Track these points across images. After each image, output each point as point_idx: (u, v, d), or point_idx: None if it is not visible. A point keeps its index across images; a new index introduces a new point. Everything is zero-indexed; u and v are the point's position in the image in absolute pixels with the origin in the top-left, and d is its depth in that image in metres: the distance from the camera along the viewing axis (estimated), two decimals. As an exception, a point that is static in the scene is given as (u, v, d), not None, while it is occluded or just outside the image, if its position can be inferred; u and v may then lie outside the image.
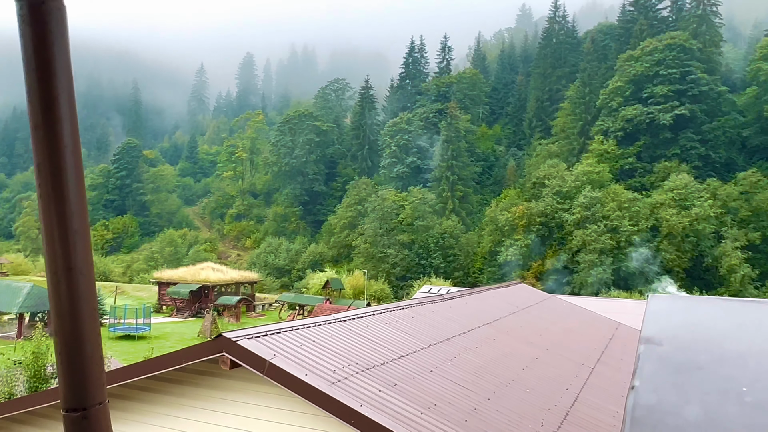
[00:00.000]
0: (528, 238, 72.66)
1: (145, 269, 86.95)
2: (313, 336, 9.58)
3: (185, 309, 57.36)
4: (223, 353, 8.02)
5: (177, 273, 63.05)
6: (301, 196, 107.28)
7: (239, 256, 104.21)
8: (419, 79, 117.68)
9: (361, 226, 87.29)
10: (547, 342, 15.31)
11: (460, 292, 19.59)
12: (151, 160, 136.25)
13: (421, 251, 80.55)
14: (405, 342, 11.15)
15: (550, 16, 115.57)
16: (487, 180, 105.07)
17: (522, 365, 12.33)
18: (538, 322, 17.84)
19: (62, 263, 1.66)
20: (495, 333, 14.35)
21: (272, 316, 59.09)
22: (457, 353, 11.65)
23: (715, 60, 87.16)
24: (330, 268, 79.72)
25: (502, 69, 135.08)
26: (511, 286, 22.45)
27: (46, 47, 1.56)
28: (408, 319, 12.90)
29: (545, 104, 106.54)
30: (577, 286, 66.48)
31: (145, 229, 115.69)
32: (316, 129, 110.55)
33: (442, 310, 14.76)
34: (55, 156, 1.60)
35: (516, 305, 18.83)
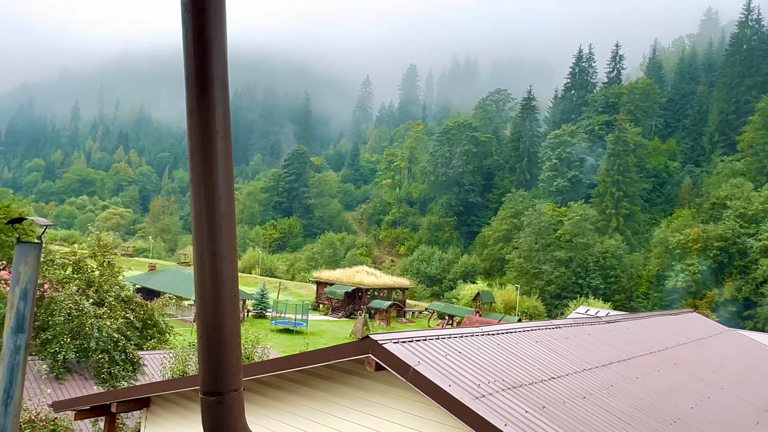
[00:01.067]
0: (703, 263, 65.99)
1: (306, 268, 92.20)
2: (459, 347, 9.37)
3: (340, 309, 59.89)
4: (369, 355, 8.10)
5: (334, 274, 66.10)
6: (456, 207, 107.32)
7: (393, 262, 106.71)
8: (586, 89, 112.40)
9: (516, 239, 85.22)
10: (722, 380, 13.63)
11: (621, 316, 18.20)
12: (317, 166, 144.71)
13: (579, 270, 76.64)
14: (556, 363, 10.51)
15: (741, 20, 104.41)
16: (657, 198, 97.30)
17: (691, 403, 11.06)
18: (712, 357, 15.97)
19: (207, 247, 1.68)
20: (660, 364, 13.06)
21: (421, 324, 59.61)
22: (615, 382, 10.74)
23: None
24: (481, 280, 78.74)
25: (681, 78, 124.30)
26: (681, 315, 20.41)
27: (204, 33, 1.59)
28: (561, 339, 12.18)
29: (730, 117, 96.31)
30: (761, 321, 58.97)
31: (308, 231, 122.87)
32: (475, 140, 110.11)
33: (599, 334, 13.76)
34: (207, 141, 1.63)
35: (686, 336, 17.05)
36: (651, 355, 13.50)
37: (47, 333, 19.96)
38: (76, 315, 20.24)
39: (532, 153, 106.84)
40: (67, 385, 19.74)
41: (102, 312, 20.95)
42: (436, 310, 60.24)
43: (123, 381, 20.25)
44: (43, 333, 20.05)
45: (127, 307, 22.65)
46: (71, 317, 20.19)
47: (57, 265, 22.11)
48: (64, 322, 19.93)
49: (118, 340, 20.56)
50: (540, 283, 77.01)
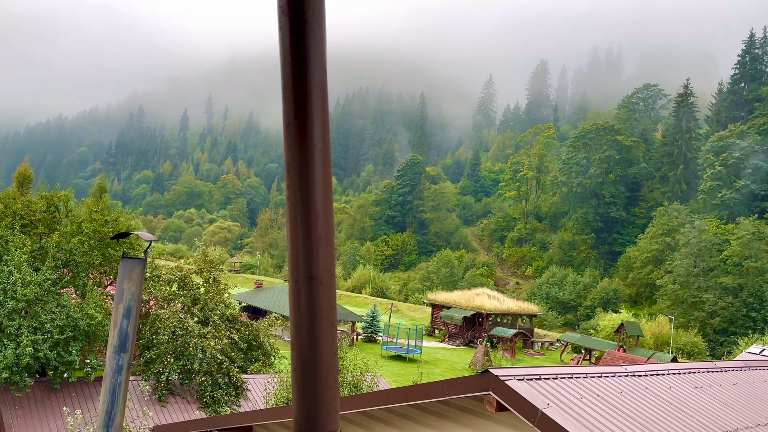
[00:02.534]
0: None
1: (420, 289, 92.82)
2: (598, 388, 8.88)
3: (457, 335, 59.53)
4: (489, 392, 7.89)
5: (451, 296, 65.94)
6: (594, 222, 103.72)
7: (518, 285, 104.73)
8: (760, 81, 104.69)
9: (670, 262, 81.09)
10: None
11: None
12: (432, 177, 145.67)
13: (752, 300, 71.36)
14: (721, 415, 9.68)
15: None
16: None
17: None
18: None
19: (303, 271, 1.71)
20: None
21: (552, 357, 57.84)
22: (799, 441, 9.70)
23: None
24: (626, 309, 75.26)
25: None
26: None
27: (302, 39, 1.63)
28: (728, 385, 11.23)
29: None
30: None
31: (422, 248, 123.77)
32: (617, 144, 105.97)
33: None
34: (304, 155, 1.67)
35: None
36: None
37: (151, 352, 21.43)
38: (180, 334, 21.57)
39: (689, 159, 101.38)
40: (169, 408, 21.04)
41: (206, 331, 22.17)
42: (570, 342, 58.14)
43: (225, 406, 21.26)
44: (148, 352, 21.56)
45: (232, 326, 23.83)
46: (175, 336, 21.55)
47: (163, 281, 23.75)
48: (168, 341, 21.30)
49: (222, 361, 21.64)
50: (700, 315, 72.57)
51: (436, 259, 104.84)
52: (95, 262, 21.58)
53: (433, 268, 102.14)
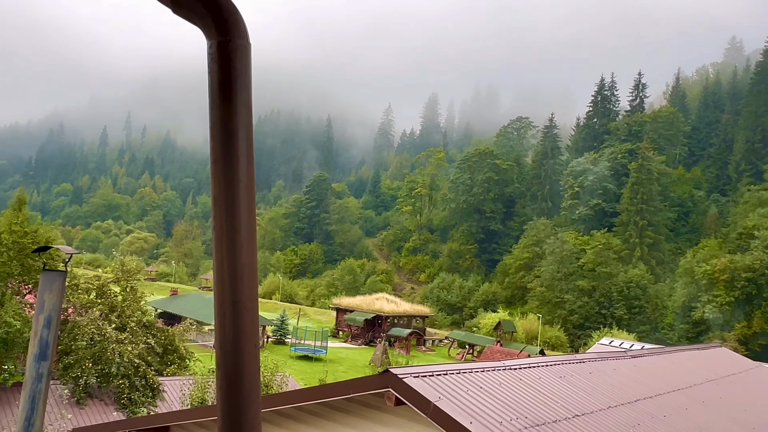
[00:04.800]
0: (731, 295, 64.49)
1: (326, 294, 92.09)
2: (481, 382, 9.20)
3: (359, 336, 59.53)
4: (389, 389, 7.99)
5: (354, 301, 65.89)
6: (477, 234, 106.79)
7: (413, 290, 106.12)
8: (608, 117, 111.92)
9: (538, 268, 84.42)
10: (755, 420, 13.16)
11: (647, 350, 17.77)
12: (338, 193, 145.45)
13: (603, 300, 75.48)
14: (581, 400, 10.25)
15: (766, 47, 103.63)
16: (682, 227, 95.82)
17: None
18: (743, 395, 15.46)
19: (229, 296, 1.67)
20: (688, 402, 12.66)
21: (441, 352, 58.96)
22: (641, 420, 10.43)
23: None
24: (503, 309, 77.88)
25: (705, 107, 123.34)
26: (709, 349, 19.86)
27: (229, 83, 1.62)
28: (585, 374, 11.89)
29: (757, 146, 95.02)
30: (793, 355, 57.19)
31: (328, 257, 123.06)
32: (496, 167, 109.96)
33: (625, 369, 13.42)
34: (230, 190, 1.63)
35: (715, 372, 16.55)
36: (679, 392, 13.10)
37: (70, 357, 20.10)
38: (98, 340, 20.38)
39: (554, 181, 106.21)
40: (88, 410, 19.78)
41: (124, 337, 21.07)
42: (457, 338, 59.58)
43: (143, 407, 20.23)
44: (66, 357, 20.20)
45: (148, 332, 22.75)
46: (93, 342, 20.33)
47: (81, 290, 22.36)
48: (86, 346, 20.06)
49: (139, 365, 20.61)
50: (562, 313, 75.98)
51: (340, 268, 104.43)
52: (14, 272, 20.05)
53: (337, 276, 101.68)
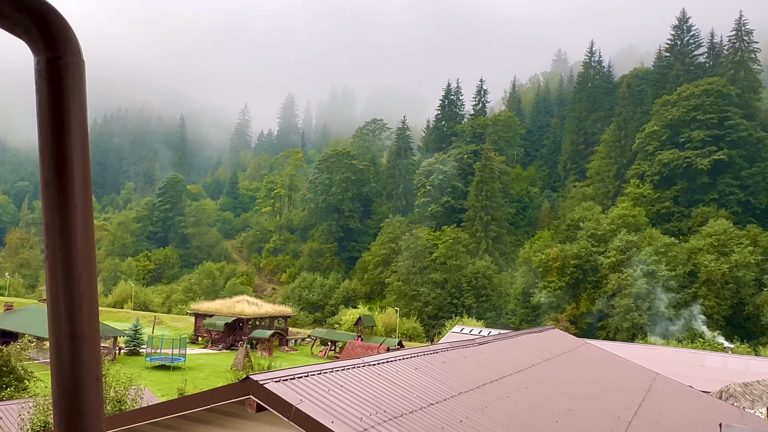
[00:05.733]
0: (562, 280, 71.11)
1: (184, 300, 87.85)
2: (341, 381, 9.33)
3: (220, 341, 57.50)
4: (250, 396, 7.84)
5: (213, 305, 63.49)
6: (337, 233, 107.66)
7: (274, 290, 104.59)
8: (455, 120, 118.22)
9: (395, 263, 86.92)
10: (581, 392, 14.66)
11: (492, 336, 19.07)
12: (194, 195, 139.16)
13: (454, 290, 79.54)
14: (435, 389, 10.77)
15: (586, 60, 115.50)
16: (521, 221, 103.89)
17: (555, 417, 11.76)
18: (572, 371, 17.16)
19: (66, 329, 1.56)
20: (528, 381, 13.80)
21: (305, 351, 58.75)
22: (489, 402, 11.19)
23: (754, 106, 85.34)
24: (363, 304, 79.26)
25: (537, 112, 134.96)
26: (545, 332, 21.77)
27: (61, 104, 1.49)
28: (438, 364, 12.51)
29: (580, 147, 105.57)
30: (612, 330, 64.44)
31: (185, 261, 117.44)
32: (353, 168, 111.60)
33: (473, 356, 14.31)
34: (65, 216, 1.52)
35: (549, 352, 18.19)
36: (520, 373, 14.23)
37: None
38: None
39: (407, 180, 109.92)
40: None
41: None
42: (319, 336, 59.70)
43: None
44: None
45: (-22, 354, 20.22)
46: None
47: None
48: None
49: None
50: (418, 305, 78.82)
51: (198, 271, 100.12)
52: None
53: (195, 280, 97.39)
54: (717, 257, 63.71)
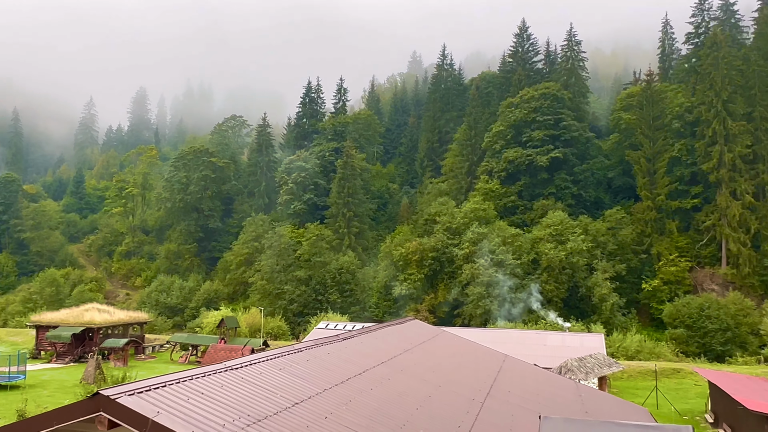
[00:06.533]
0: (421, 272, 74.03)
1: (22, 312, 79.41)
2: (202, 388, 8.98)
3: (67, 353, 52.70)
4: (100, 413, 7.30)
5: (58, 315, 58.01)
6: (196, 233, 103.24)
7: (128, 296, 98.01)
8: (316, 118, 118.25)
9: (258, 262, 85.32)
10: (439, 379, 15.40)
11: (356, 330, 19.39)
12: (32, 195, 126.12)
13: (318, 287, 79.74)
14: (300, 388, 10.72)
15: (439, 63, 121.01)
16: (382, 217, 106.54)
17: (416, 405, 12.25)
18: (431, 359, 17.97)
19: None
20: (390, 372, 14.22)
21: (164, 358, 55.72)
22: (353, 396, 11.37)
23: (583, 109, 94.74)
24: (225, 306, 76.85)
25: (395, 111, 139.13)
26: (405, 323, 22.56)
27: None
28: (303, 362, 12.47)
29: (435, 145, 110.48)
30: (467, 317, 68.32)
31: (22, 269, 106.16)
32: (212, 165, 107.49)
33: (337, 351, 14.45)
34: None
35: (410, 342, 18.88)
36: (383, 365, 14.62)
37: None
38: None
39: (269, 177, 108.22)
40: None
41: None
42: (179, 341, 56.94)
43: None
44: None
45: None
46: None
47: None
48: None
49: None
50: (283, 303, 78.08)
51: (39, 279, 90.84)
52: None
53: (36, 289, 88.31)
54: (555, 245, 69.94)
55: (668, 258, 71.35)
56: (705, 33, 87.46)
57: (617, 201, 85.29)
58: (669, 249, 72.65)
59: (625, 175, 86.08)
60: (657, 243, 73.87)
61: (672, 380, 46.54)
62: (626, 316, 68.26)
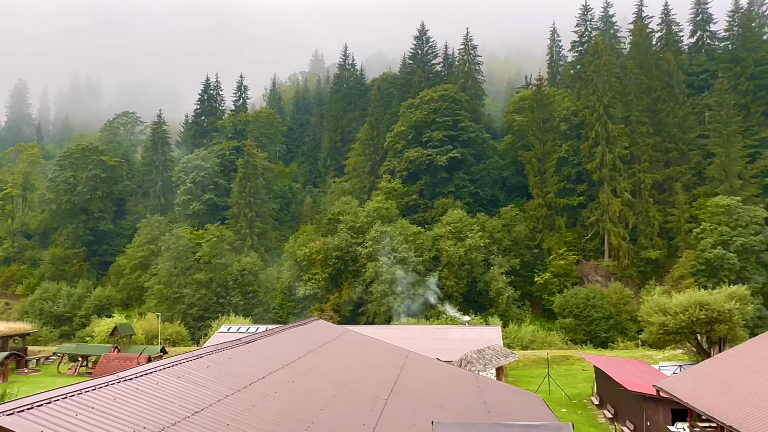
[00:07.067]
0: (325, 271, 73.85)
1: None
2: (93, 402, 8.45)
3: (-66, 372, 47.63)
4: (-27, 437, 6.69)
5: (-77, 330, 52.37)
6: (85, 236, 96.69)
7: (8, 306, 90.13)
8: (215, 116, 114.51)
9: (155, 266, 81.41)
10: (344, 378, 15.44)
11: (259, 333, 19.02)
12: None
13: (220, 290, 77.39)
14: (200, 396, 10.36)
15: (341, 63, 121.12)
16: (285, 216, 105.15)
17: (321, 405, 12.21)
18: (336, 359, 17.98)
19: None
20: (294, 374, 14.08)
21: (50, 371, 51.85)
22: (256, 401, 11.15)
23: (479, 111, 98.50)
24: (119, 312, 72.77)
25: (298, 110, 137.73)
26: (309, 323, 22.42)
27: None
28: (203, 369, 12.06)
29: (338, 145, 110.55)
30: (371, 315, 69.01)
31: None
32: (103, 164, 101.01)
33: (239, 356, 14.10)
34: None
35: (314, 342, 18.78)
36: (286, 368, 14.44)
37: None
38: None
39: (166, 177, 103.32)
40: None
41: None
42: (67, 352, 53.23)
43: None
44: None
45: None
46: None
47: None
48: None
49: None
50: (182, 308, 75.17)
51: None
52: None
53: None
54: (455, 242, 72.26)
55: (558, 252, 75.86)
56: (588, 42, 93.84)
57: (511, 199, 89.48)
58: (558, 244, 77.26)
59: (519, 175, 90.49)
60: (548, 238, 78.31)
61: (562, 367, 49.58)
62: (521, 308, 71.84)
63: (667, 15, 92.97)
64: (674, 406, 25.46)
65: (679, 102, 79.87)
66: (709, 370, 23.87)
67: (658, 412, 26.10)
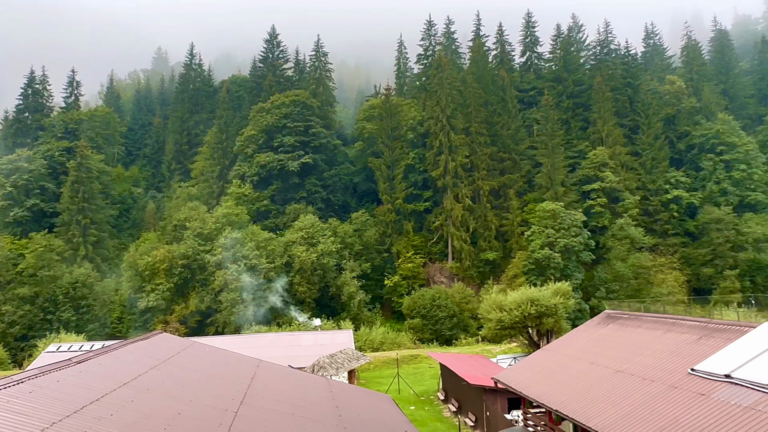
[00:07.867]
0: (170, 281, 69.91)
1: None
2: None
3: None
4: None
5: None
6: None
7: None
8: (41, 113, 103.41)
9: (-35, 281, 71.41)
10: (190, 393, 14.69)
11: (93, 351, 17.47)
12: None
13: (47, 305, 69.98)
14: (20, 426, 9.26)
15: (186, 62, 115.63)
16: (124, 224, 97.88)
17: (164, 425, 11.50)
18: (181, 373, 17.06)
19: None
20: (134, 394, 13.11)
21: None
22: (90, 426, 10.22)
23: (330, 117, 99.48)
24: None
25: (139, 110, 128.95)
26: (151, 337, 21.04)
27: None
28: (25, 395, 10.80)
29: (184, 147, 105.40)
30: (221, 325, 66.55)
31: None
32: None
33: (70, 378, 12.83)
34: None
35: (157, 358, 17.66)
36: (125, 387, 13.41)
37: None
38: None
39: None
40: None
41: None
42: None
43: None
44: None
45: None
46: None
47: None
48: None
49: None
50: (2, 327, 66.88)
51: None
52: None
53: None
54: (307, 248, 72.18)
55: (406, 255, 78.94)
56: (432, 55, 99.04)
57: (362, 204, 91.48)
58: (407, 247, 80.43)
59: (369, 181, 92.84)
60: (397, 242, 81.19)
61: (411, 366, 51.62)
62: (372, 311, 73.64)
63: (501, 35, 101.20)
64: (510, 396, 27.67)
65: (512, 115, 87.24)
66: (538, 360, 26.29)
67: (497, 403, 28.19)
